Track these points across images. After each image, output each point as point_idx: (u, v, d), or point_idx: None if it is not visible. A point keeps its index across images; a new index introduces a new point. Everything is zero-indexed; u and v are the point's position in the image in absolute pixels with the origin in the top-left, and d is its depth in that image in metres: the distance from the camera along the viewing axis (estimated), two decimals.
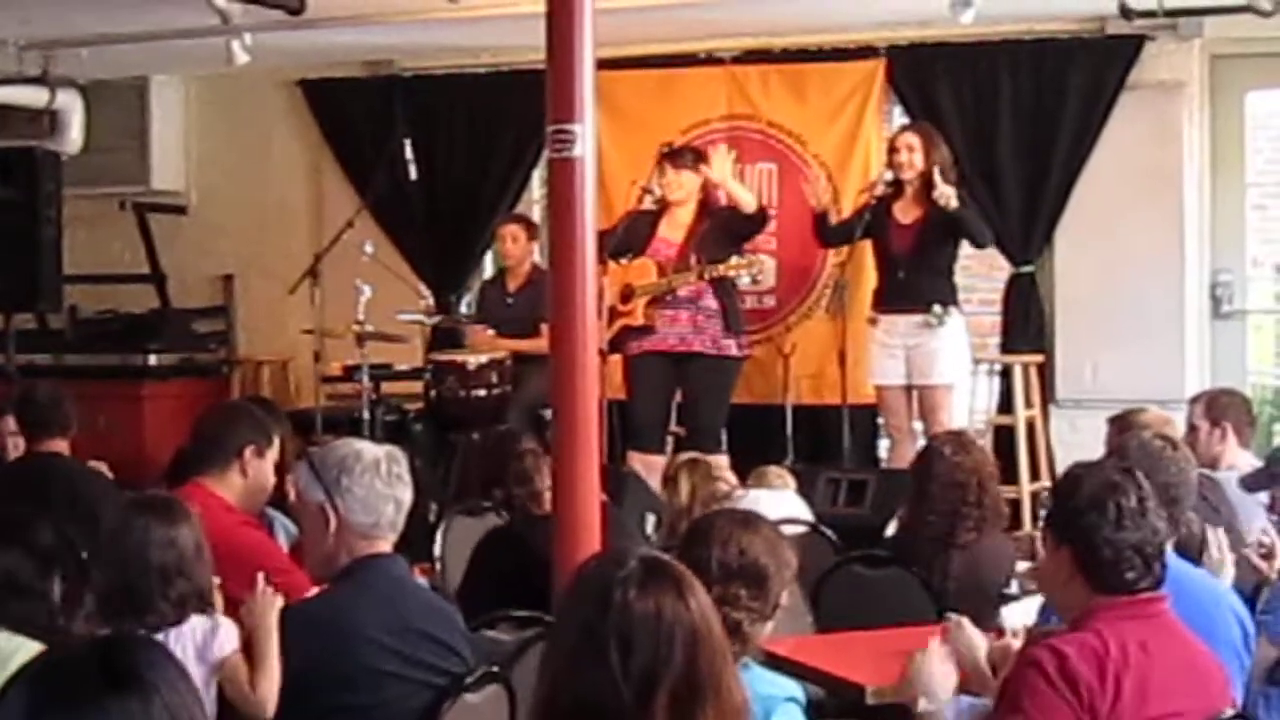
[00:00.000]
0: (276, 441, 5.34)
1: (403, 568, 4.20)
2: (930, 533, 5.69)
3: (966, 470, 5.73)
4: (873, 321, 9.09)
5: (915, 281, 8.87)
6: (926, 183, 8.86)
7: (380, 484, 4.10)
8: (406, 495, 4.16)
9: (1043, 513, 5.65)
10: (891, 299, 8.99)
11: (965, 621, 4.45)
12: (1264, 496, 5.67)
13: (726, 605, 3.65)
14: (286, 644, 4.06)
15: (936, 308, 8.85)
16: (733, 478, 6.99)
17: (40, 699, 2.13)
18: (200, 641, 4.05)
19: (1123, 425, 6.26)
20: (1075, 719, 3.52)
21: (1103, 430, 6.53)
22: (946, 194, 8.69)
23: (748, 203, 9.01)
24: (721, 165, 9.13)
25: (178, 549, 4.07)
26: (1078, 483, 3.79)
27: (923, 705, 4.08)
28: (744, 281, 9.37)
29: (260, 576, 4.19)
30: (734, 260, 8.86)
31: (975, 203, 9.11)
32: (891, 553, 5.89)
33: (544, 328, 8.69)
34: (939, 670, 4.15)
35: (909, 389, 8.98)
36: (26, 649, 3.77)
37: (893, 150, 9.05)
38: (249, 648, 4.08)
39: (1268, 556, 5.13)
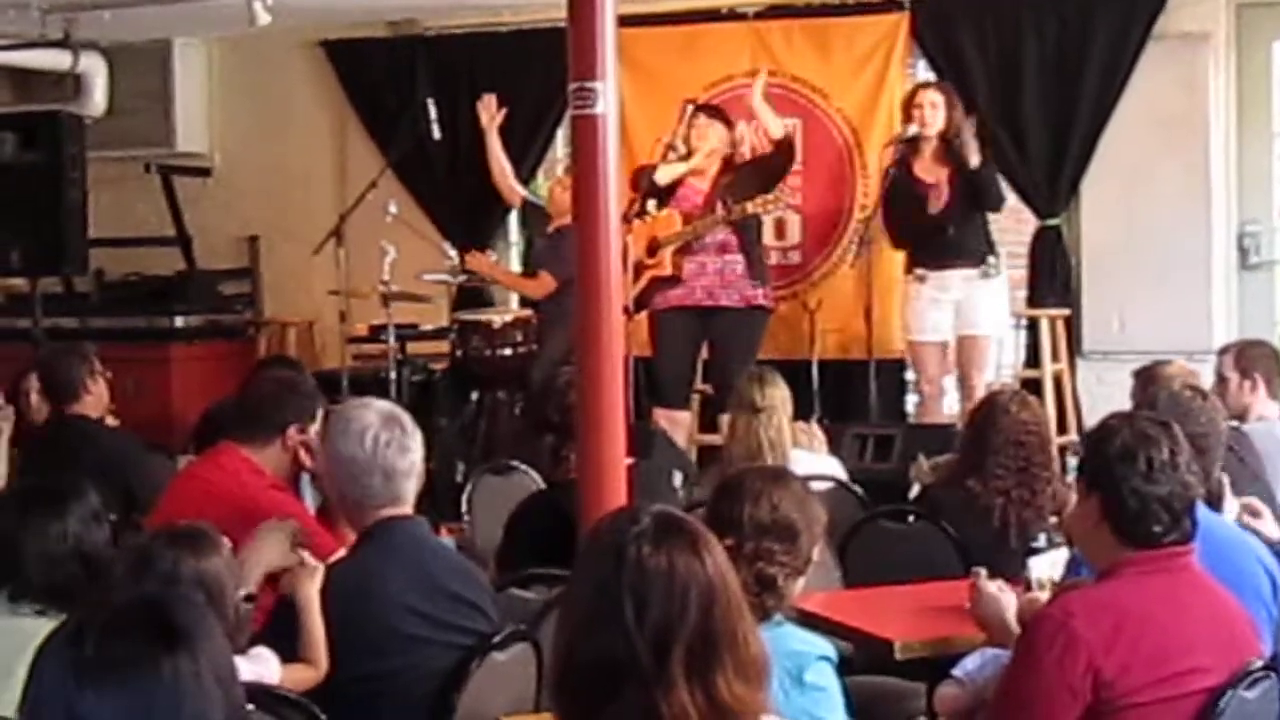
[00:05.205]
0: (320, 415, 5.29)
1: (424, 529, 4.20)
2: (999, 487, 5.57)
3: (1032, 428, 5.63)
4: (921, 279, 9.01)
5: (964, 235, 8.87)
6: (945, 141, 8.84)
7: (363, 455, 4.08)
8: (401, 462, 4.12)
9: (1072, 463, 5.63)
10: (943, 254, 8.93)
11: (995, 582, 4.46)
12: None
13: (760, 561, 3.66)
14: None
15: (990, 259, 8.91)
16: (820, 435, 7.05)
17: (82, 659, 2.12)
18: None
19: (1148, 378, 6.24)
20: (1064, 682, 3.51)
21: (1129, 383, 6.51)
22: (971, 148, 8.69)
23: (774, 129, 9.00)
24: (759, 87, 9.16)
25: (205, 585, 3.61)
26: (1111, 432, 3.77)
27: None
28: (774, 215, 9.36)
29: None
30: (760, 198, 8.76)
31: (1000, 157, 9.08)
32: (928, 507, 5.85)
33: (542, 274, 9.22)
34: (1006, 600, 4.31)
35: (946, 343, 8.98)
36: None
37: (914, 105, 8.98)
38: (289, 615, 3.99)
39: (1255, 515, 5.11)
